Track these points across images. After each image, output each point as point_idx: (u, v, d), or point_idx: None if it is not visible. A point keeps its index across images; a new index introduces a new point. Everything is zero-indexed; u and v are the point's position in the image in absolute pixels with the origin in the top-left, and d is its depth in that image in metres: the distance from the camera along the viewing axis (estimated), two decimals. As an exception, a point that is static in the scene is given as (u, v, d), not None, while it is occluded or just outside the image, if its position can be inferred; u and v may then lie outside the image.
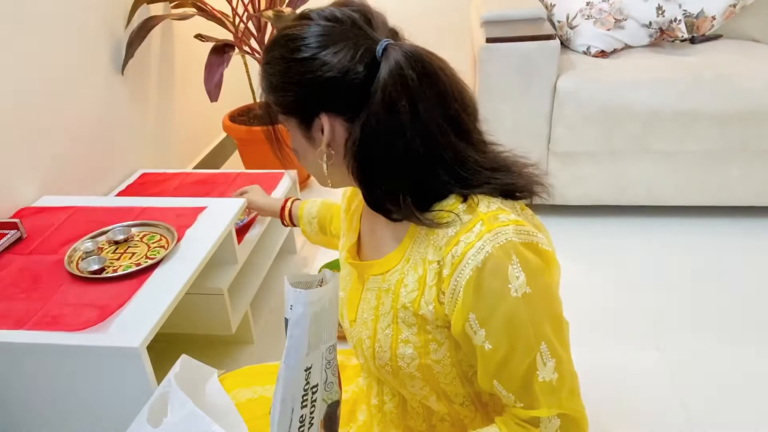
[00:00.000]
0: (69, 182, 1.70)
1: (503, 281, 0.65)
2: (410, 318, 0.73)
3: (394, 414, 0.86)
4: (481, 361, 0.69)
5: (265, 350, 1.62)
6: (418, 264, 0.72)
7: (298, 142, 0.74)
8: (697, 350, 1.53)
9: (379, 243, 0.80)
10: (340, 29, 0.67)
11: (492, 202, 0.70)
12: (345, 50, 0.66)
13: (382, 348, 0.76)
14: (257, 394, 0.94)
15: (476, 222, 0.67)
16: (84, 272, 1.23)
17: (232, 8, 2.17)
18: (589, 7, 2.16)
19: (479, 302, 0.66)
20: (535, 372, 0.67)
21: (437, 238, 0.69)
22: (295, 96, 0.70)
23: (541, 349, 0.67)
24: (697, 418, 1.34)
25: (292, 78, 0.69)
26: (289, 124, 0.74)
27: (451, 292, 0.68)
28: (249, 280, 1.65)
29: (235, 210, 1.47)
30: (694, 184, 2.04)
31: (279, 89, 0.71)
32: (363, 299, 0.80)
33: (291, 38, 0.69)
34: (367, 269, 0.80)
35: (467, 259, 0.66)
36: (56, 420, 1.16)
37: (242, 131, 2.28)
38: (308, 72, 0.67)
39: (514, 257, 0.65)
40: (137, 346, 1.04)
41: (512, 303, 0.65)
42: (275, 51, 0.71)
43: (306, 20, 0.70)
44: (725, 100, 1.86)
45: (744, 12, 2.20)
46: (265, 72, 0.72)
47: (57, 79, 1.64)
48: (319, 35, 0.67)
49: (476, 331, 0.67)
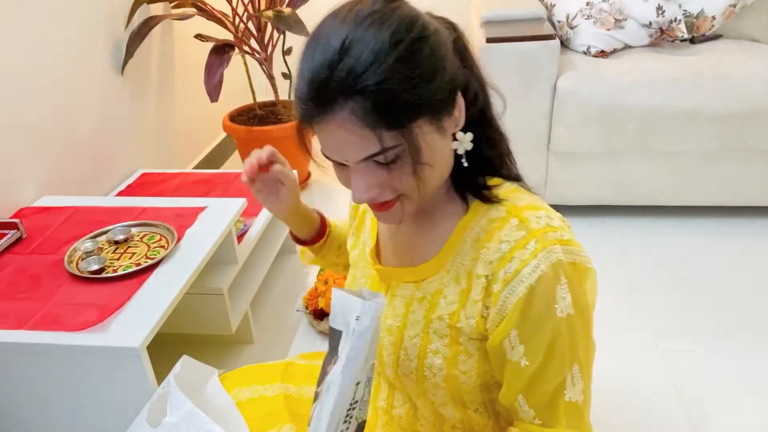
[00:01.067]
0: (69, 182, 1.70)
1: (551, 301, 0.65)
2: (443, 329, 0.72)
3: (404, 419, 0.85)
4: (512, 376, 0.69)
5: (265, 350, 1.62)
6: (461, 276, 0.71)
7: (432, 145, 0.63)
8: (698, 350, 1.53)
9: (410, 250, 0.77)
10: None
11: (534, 208, 0.69)
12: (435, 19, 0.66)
13: (408, 356, 0.75)
14: (257, 394, 0.94)
15: (530, 239, 0.66)
16: (84, 272, 1.23)
17: (232, 8, 2.17)
18: (589, 7, 2.16)
19: (525, 320, 0.66)
20: (563, 391, 0.67)
21: (488, 252, 0.68)
22: (441, 82, 0.62)
23: (574, 370, 0.67)
24: (697, 418, 1.33)
25: (437, 64, 0.61)
26: (418, 134, 0.61)
27: (498, 308, 0.67)
28: (249, 280, 1.65)
29: (235, 210, 1.47)
30: (694, 184, 2.04)
31: (421, 85, 0.60)
32: (389, 304, 0.78)
33: (407, 26, 0.60)
34: (398, 276, 0.77)
35: (521, 276, 0.65)
36: (56, 420, 1.16)
37: (242, 131, 2.28)
38: (439, 49, 0.62)
39: (562, 278, 0.65)
40: (137, 346, 1.04)
41: (556, 323, 0.66)
42: (401, 52, 0.58)
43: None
44: (725, 100, 1.86)
45: (744, 12, 2.20)
46: (399, 82, 0.58)
47: (57, 79, 1.64)
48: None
49: (514, 347, 0.67)
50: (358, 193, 0.64)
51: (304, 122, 0.63)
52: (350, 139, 0.60)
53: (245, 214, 1.68)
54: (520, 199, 0.71)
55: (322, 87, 0.59)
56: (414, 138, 0.60)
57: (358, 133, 0.59)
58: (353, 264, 0.89)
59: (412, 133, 0.60)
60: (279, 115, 2.39)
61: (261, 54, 2.30)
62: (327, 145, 0.63)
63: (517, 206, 0.69)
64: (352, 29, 0.59)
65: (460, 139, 0.67)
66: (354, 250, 0.89)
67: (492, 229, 0.69)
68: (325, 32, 0.61)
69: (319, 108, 0.60)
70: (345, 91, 0.58)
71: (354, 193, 0.65)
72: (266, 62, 2.30)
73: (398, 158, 0.61)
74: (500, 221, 0.69)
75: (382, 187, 0.64)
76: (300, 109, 0.62)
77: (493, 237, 0.68)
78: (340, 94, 0.58)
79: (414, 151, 0.60)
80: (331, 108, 0.59)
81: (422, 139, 0.61)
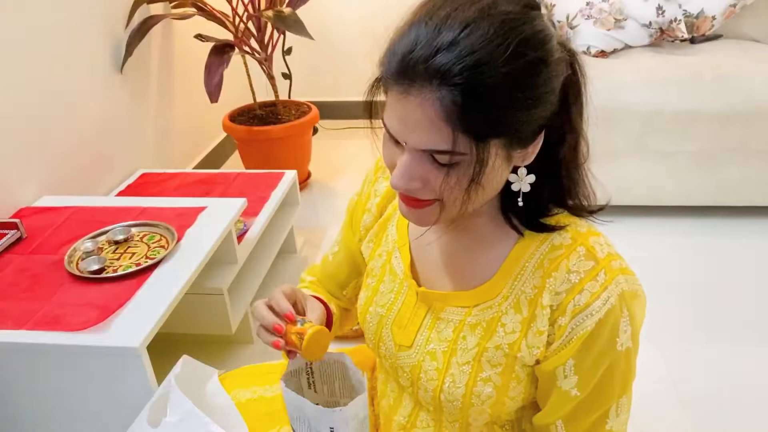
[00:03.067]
0: (69, 182, 1.70)
1: (614, 335, 0.64)
2: (499, 358, 0.68)
3: None
4: (557, 402, 0.68)
5: (265, 350, 1.61)
6: (522, 305, 0.67)
7: (493, 168, 0.59)
8: (698, 350, 1.53)
9: (460, 272, 0.72)
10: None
11: (595, 234, 0.67)
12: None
13: (455, 383, 0.70)
14: (257, 394, 0.93)
15: (599, 270, 0.64)
16: (84, 272, 1.23)
17: (232, 8, 2.17)
18: (589, 7, 2.16)
19: (586, 353, 0.64)
20: (605, 420, 0.67)
21: (555, 282, 0.65)
22: (537, 114, 0.58)
23: (620, 401, 0.67)
24: (697, 418, 1.33)
25: (544, 95, 0.58)
26: (490, 153, 0.57)
27: (563, 339, 0.65)
28: (249, 280, 1.65)
29: (235, 210, 1.47)
30: (694, 184, 2.04)
31: (525, 107, 0.56)
32: (430, 327, 0.73)
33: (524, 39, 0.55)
34: (445, 300, 0.72)
35: (591, 310, 0.63)
36: (56, 420, 1.16)
37: (242, 131, 2.28)
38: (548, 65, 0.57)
39: (625, 310, 0.64)
40: (137, 346, 1.04)
41: (615, 357, 0.64)
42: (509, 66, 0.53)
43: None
44: (725, 100, 1.86)
45: (744, 12, 2.20)
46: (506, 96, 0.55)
47: (57, 79, 1.64)
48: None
49: (567, 376, 0.66)
50: (400, 179, 0.59)
51: (383, 81, 0.58)
52: (423, 125, 0.55)
53: (245, 214, 1.68)
54: (580, 225, 0.68)
55: (421, 61, 0.53)
56: (486, 155, 0.56)
57: (435, 123, 0.54)
58: (372, 274, 0.82)
59: (486, 150, 0.55)
60: (279, 115, 2.39)
61: (261, 54, 2.30)
62: (395, 117, 0.58)
63: (581, 232, 0.66)
64: (479, 18, 0.53)
65: (521, 176, 0.63)
66: (375, 261, 0.82)
67: (558, 258, 0.65)
68: (451, 5, 0.55)
69: (408, 79, 0.54)
70: (444, 77, 0.52)
71: (394, 177, 0.60)
72: (266, 62, 2.30)
73: (457, 165, 0.57)
74: (566, 249, 0.65)
75: (426, 184, 0.59)
76: (388, 65, 0.57)
77: (560, 266, 0.65)
78: (437, 77, 0.53)
79: (479, 167, 0.56)
80: (420, 85, 0.54)
81: (491, 160, 0.57)
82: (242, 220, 1.67)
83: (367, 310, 0.81)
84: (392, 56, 0.56)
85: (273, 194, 1.79)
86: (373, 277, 0.81)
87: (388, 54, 0.57)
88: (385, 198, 0.82)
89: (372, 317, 0.80)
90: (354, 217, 0.87)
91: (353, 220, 0.87)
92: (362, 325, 0.83)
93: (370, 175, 0.86)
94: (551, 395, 0.68)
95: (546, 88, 0.57)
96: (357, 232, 0.87)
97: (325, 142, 2.88)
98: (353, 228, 0.87)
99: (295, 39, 2.14)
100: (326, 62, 3.07)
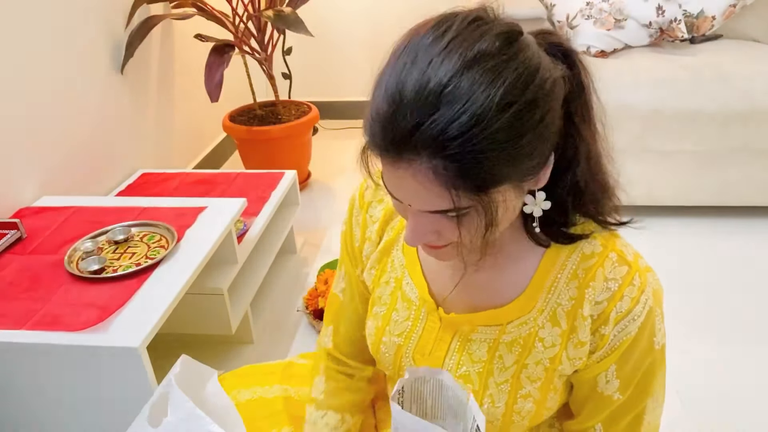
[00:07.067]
0: (69, 182, 1.70)
1: (652, 335, 0.65)
2: (539, 373, 0.67)
3: None
4: (597, 407, 0.68)
5: (265, 350, 1.62)
6: (560, 317, 0.65)
7: (505, 204, 0.57)
8: (698, 350, 1.53)
9: (486, 290, 0.69)
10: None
11: (617, 236, 0.67)
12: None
13: (494, 404, 0.68)
14: (257, 395, 0.94)
15: (634, 273, 0.64)
16: (84, 272, 1.23)
17: (232, 8, 2.17)
18: (589, 7, 2.16)
19: (628, 356, 0.65)
20: (642, 417, 0.68)
21: (594, 292, 0.64)
22: (541, 153, 0.56)
23: (657, 396, 0.68)
24: (697, 418, 1.33)
25: (543, 134, 0.55)
26: (497, 198, 0.55)
27: (607, 347, 0.65)
28: (249, 280, 1.65)
29: (235, 210, 1.47)
30: (694, 184, 2.04)
31: (530, 153, 0.54)
32: (460, 350, 0.70)
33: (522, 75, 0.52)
34: (473, 321, 0.69)
35: (633, 315, 0.63)
36: (56, 420, 1.16)
37: (242, 131, 2.28)
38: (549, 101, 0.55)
39: (657, 309, 0.65)
40: (137, 346, 1.04)
41: (654, 356, 0.66)
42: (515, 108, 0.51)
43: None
44: (725, 100, 1.86)
45: (744, 12, 2.20)
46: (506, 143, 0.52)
47: (57, 79, 1.64)
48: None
49: (609, 381, 0.66)
50: (413, 239, 0.58)
51: (372, 150, 0.55)
52: (420, 192, 0.53)
53: (245, 214, 1.68)
54: (603, 229, 0.67)
55: (406, 135, 0.50)
56: (492, 203, 0.53)
57: (432, 189, 0.52)
58: (380, 302, 0.78)
59: (492, 198, 0.53)
60: (279, 115, 2.39)
61: (261, 54, 2.30)
62: (393, 185, 0.56)
63: (608, 237, 0.66)
64: (458, 71, 0.49)
65: (538, 201, 0.61)
66: (382, 288, 0.78)
67: (592, 267, 0.64)
68: (423, 57, 0.51)
69: (395, 152, 0.52)
70: (431, 148, 0.50)
71: (407, 238, 0.59)
72: (266, 62, 2.30)
73: (468, 214, 0.55)
74: (599, 257, 0.65)
75: (441, 235, 0.58)
76: (372, 137, 0.54)
77: (596, 275, 0.64)
78: (425, 149, 0.50)
79: (488, 215, 0.54)
80: (410, 158, 0.51)
81: (500, 203, 0.55)
82: (242, 220, 1.67)
83: (380, 340, 0.77)
84: (374, 124, 0.53)
85: (273, 194, 1.79)
86: (382, 305, 0.77)
87: (370, 121, 0.54)
88: (383, 222, 0.78)
89: (387, 348, 0.76)
90: (351, 248, 0.82)
91: (351, 251, 0.82)
92: (375, 356, 0.79)
93: (356, 203, 0.81)
94: (589, 401, 0.69)
95: (542, 126, 0.54)
96: (360, 263, 0.82)
97: (325, 142, 2.88)
98: (353, 260, 0.83)
99: (295, 39, 2.14)
100: (326, 62, 3.07)
